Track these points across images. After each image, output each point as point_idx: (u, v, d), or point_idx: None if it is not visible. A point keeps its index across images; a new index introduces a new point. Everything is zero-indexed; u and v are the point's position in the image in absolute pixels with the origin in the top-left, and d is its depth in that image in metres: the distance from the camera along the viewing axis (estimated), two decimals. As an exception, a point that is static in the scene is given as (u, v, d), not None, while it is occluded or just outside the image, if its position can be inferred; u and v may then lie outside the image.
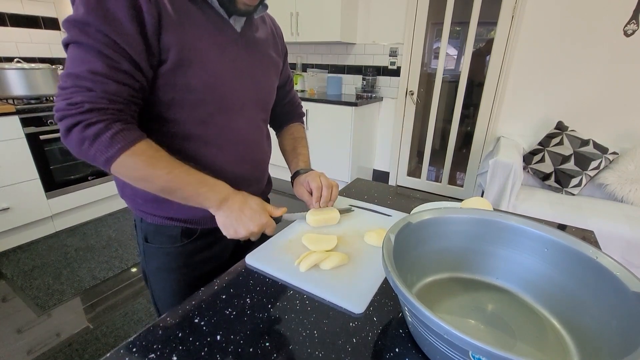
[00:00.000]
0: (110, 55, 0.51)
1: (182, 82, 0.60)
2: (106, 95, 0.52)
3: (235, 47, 0.67)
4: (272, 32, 0.81)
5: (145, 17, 0.52)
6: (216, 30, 0.63)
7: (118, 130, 0.53)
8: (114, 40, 0.50)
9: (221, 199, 0.62)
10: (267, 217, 0.65)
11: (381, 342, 0.47)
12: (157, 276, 0.77)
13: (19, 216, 2.16)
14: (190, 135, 0.65)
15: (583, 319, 0.46)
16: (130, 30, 0.51)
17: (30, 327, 1.58)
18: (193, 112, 0.63)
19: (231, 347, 0.46)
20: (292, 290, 0.58)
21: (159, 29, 0.54)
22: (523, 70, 2.45)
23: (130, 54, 0.52)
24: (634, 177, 2.02)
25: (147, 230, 0.73)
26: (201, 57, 0.60)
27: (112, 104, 0.53)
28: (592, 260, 0.46)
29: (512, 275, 0.56)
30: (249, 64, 0.71)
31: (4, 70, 2.10)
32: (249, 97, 0.72)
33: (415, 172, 3.27)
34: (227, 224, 0.63)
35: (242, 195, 0.65)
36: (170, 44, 0.56)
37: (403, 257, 0.50)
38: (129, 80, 0.53)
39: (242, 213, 0.63)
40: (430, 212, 0.57)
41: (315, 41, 3.03)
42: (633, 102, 2.18)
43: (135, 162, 0.55)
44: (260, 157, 0.80)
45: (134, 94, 0.55)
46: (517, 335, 0.48)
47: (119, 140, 0.53)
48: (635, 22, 2.06)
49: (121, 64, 0.52)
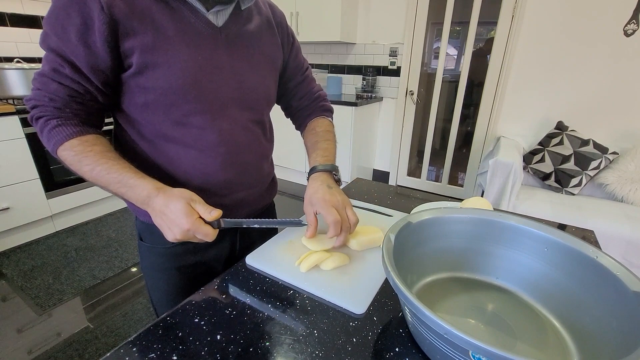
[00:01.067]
0: (56, 60, 0.55)
1: (150, 85, 0.59)
2: (47, 94, 0.57)
3: (212, 43, 0.63)
4: (269, 21, 0.75)
5: (96, 27, 0.53)
6: (187, 28, 0.60)
7: (54, 125, 0.57)
8: (61, 48, 0.54)
9: (142, 200, 0.57)
10: (193, 223, 0.54)
11: (381, 342, 0.47)
12: (151, 275, 0.77)
13: (19, 216, 2.16)
14: (168, 137, 0.64)
15: (583, 319, 0.46)
16: (74, 41, 0.54)
17: (30, 326, 1.58)
18: (168, 114, 0.62)
19: (231, 347, 0.46)
20: (292, 290, 0.58)
21: (115, 36, 0.55)
22: (523, 70, 2.45)
23: (74, 61, 0.55)
24: (634, 177, 2.02)
25: (140, 228, 0.74)
26: (167, 58, 0.58)
27: (51, 101, 0.57)
28: (593, 260, 0.46)
29: (512, 275, 0.56)
30: (231, 60, 0.66)
31: (4, 70, 2.10)
32: (232, 97, 0.67)
33: (415, 172, 3.27)
34: (157, 226, 0.57)
35: (165, 196, 0.55)
36: (131, 49, 0.56)
37: (403, 257, 0.50)
38: (69, 83, 0.57)
39: (163, 217, 0.55)
40: (430, 212, 0.57)
41: (315, 41, 3.03)
42: (633, 102, 2.18)
43: (66, 157, 0.58)
44: (250, 161, 0.74)
45: (75, 95, 0.58)
46: (517, 335, 0.48)
47: (54, 135, 0.57)
48: (635, 22, 2.06)
49: (64, 68, 0.55)
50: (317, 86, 0.90)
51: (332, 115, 0.91)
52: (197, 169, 0.67)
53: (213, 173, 0.68)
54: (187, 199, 0.55)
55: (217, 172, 0.68)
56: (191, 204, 0.55)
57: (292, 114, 0.92)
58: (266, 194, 0.84)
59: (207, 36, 0.62)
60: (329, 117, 0.89)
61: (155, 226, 0.62)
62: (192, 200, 0.56)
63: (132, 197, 0.58)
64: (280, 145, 3.09)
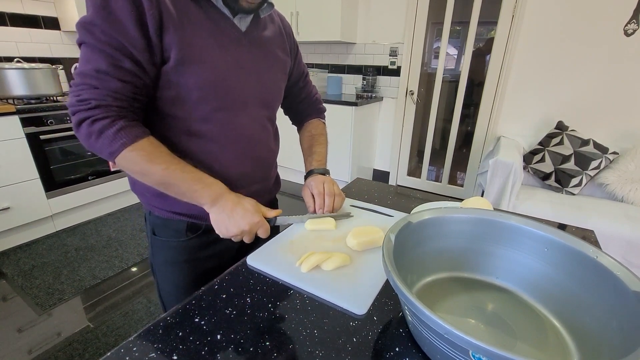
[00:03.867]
0: (113, 54, 0.54)
1: (183, 80, 0.61)
2: (110, 92, 0.55)
3: (238, 45, 0.68)
4: (280, 30, 0.81)
5: (147, 17, 0.54)
6: (218, 30, 0.64)
7: (121, 126, 0.57)
8: (117, 39, 0.53)
9: (215, 197, 0.64)
10: (260, 218, 0.65)
11: (381, 342, 0.47)
12: (163, 269, 0.79)
13: (19, 216, 2.16)
14: (192, 131, 0.67)
15: (583, 319, 0.46)
16: (131, 30, 0.53)
17: (30, 326, 1.58)
18: (195, 109, 0.65)
19: (231, 347, 0.46)
20: (292, 290, 0.58)
21: (160, 28, 0.56)
22: (523, 69, 2.45)
23: (132, 52, 0.55)
24: (634, 176, 2.01)
25: (155, 223, 0.76)
26: (201, 55, 0.62)
27: (115, 101, 0.56)
28: (593, 260, 0.46)
29: (512, 274, 0.56)
30: (253, 63, 0.71)
31: (4, 70, 2.10)
32: (252, 95, 0.72)
33: (416, 172, 3.27)
34: (218, 222, 0.64)
35: (236, 196, 0.66)
36: (172, 43, 0.58)
37: (403, 257, 0.50)
38: (131, 78, 0.56)
39: (234, 211, 0.64)
40: (430, 212, 0.57)
41: (315, 41, 3.03)
42: (633, 102, 2.17)
43: (135, 157, 0.58)
44: (264, 155, 0.80)
45: (136, 92, 0.58)
46: (517, 335, 0.48)
47: (122, 136, 0.57)
48: (635, 22, 2.06)
49: (123, 62, 0.55)
50: (314, 89, 1.00)
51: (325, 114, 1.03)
52: (218, 162, 0.71)
53: (233, 166, 0.72)
54: (255, 200, 0.67)
55: (235, 165, 0.73)
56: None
57: (292, 113, 1.01)
58: (273, 188, 0.90)
59: (234, 39, 0.67)
60: (323, 119, 1.01)
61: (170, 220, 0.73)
62: (257, 202, 0.67)
63: (205, 193, 0.63)
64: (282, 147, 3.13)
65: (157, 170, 0.60)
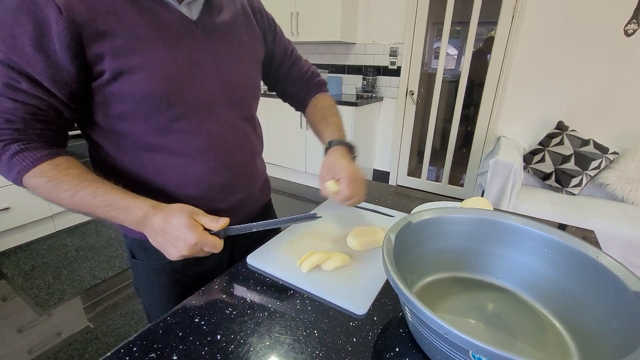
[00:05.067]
0: (9, 75, 0.48)
1: (126, 92, 0.53)
2: (2, 114, 0.49)
3: (189, 39, 0.58)
4: (243, 9, 0.70)
5: (54, 33, 0.47)
6: (161, 24, 0.54)
7: (15, 151, 0.50)
8: (14, 60, 0.47)
9: (137, 221, 0.53)
10: (197, 236, 0.52)
11: (381, 342, 0.47)
12: (148, 292, 0.73)
13: (19, 216, 2.16)
14: (153, 146, 0.59)
15: (583, 319, 0.46)
16: (29, 51, 0.47)
17: (30, 326, 1.58)
18: (150, 122, 0.57)
19: (231, 347, 0.46)
20: (292, 290, 0.58)
21: (77, 43, 0.48)
22: (523, 70, 2.45)
23: (31, 73, 0.48)
24: (635, 176, 2.01)
25: (132, 245, 0.69)
26: (143, 60, 0.52)
27: (7, 123, 0.49)
28: (593, 260, 0.46)
29: (513, 275, 0.56)
30: (212, 57, 0.61)
31: None
32: (217, 95, 0.62)
33: (416, 172, 3.27)
34: (159, 247, 0.54)
35: (163, 214, 0.53)
36: (100, 54, 0.50)
37: (403, 257, 0.50)
38: (28, 99, 0.49)
39: (164, 235, 0.52)
40: (430, 212, 0.57)
41: (315, 41, 3.03)
42: (633, 102, 2.17)
43: (37, 185, 0.51)
44: (243, 161, 0.70)
45: (37, 113, 0.51)
46: (517, 335, 0.48)
47: (17, 162, 0.50)
48: (635, 22, 2.06)
49: (20, 83, 0.48)
50: (305, 64, 0.87)
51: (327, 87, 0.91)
52: (190, 176, 0.62)
53: (206, 179, 0.64)
54: (188, 212, 0.53)
55: (210, 177, 0.64)
56: (194, 216, 0.53)
57: (289, 99, 0.90)
58: (262, 193, 0.81)
59: (183, 32, 0.57)
60: (327, 92, 0.88)
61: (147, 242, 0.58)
62: (194, 213, 0.54)
63: (126, 219, 0.53)
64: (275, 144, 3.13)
65: (63, 198, 0.52)
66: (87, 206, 0.52)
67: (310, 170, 3.22)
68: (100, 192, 0.52)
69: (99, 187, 0.52)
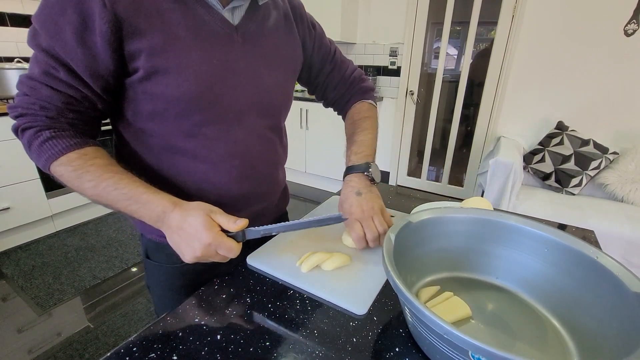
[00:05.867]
0: (49, 63, 0.49)
1: (159, 92, 0.53)
2: (38, 100, 0.50)
3: (228, 44, 0.57)
4: (286, 16, 0.68)
5: (97, 26, 0.47)
6: (201, 27, 0.54)
7: (46, 138, 0.50)
8: (55, 49, 0.48)
9: (156, 217, 0.51)
10: (213, 237, 0.49)
11: (381, 342, 0.47)
12: (159, 293, 0.73)
13: (19, 216, 2.16)
14: (177, 148, 0.59)
15: (583, 319, 0.46)
16: (70, 41, 0.47)
17: (30, 326, 1.58)
18: (177, 123, 0.57)
19: (231, 347, 0.46)
20: (292, 290, 0.58)
21: (118, 37, 0.49)
22: (523, 70, 2.45)
23: (70, 64, 0.49)
24: (634, 177, 2.01)
25: (148, 245, 0.69)
26: (179, 63, 0.52)
27: (43, 110, 0.50)
28: (593, 260, 0.46)
29: (512, 275, 0.56)
30: (248, 64, 0.60)
31: (4, 70, 2.10)
32: (248, 104, 0.62)
33: (416, 172, 3.27)
34: (174, 246, 0.52)
35: (181, 211, 0.51)
36: (138, 51, 0.50)
37: (403, 257, 0.50)
38: (65, 89, 0.50)
39: (181, 233, 0.50)
40: (430, 212, 0.57)
41: (315, 41, 3.03)
42: (633, 102, 2.17)
43: (63, 173, 0.52)
44: (266, 172, 0.69)
45: (71, 102, 0.52)
46: (517, 335, 0.48)
47: (46, 149, 0.51)
48: (635, 22, 2.06)
49: (59, 72, 0.49)
50: (349, 67, 0.83)
51: (373, 93, 0.86)
52: (210, 183, 0.62)
53: (226, 187, 0.63)
54: (206, 210, 0.51)
55: (231, 186, 0.63)
56: (211, 215, 0.51)
57: (331, 104, 0.86)
58: (280, 204, 0.80)
59: (222, 36, 0.56)
60: (369, 100, 0.84)
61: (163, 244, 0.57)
62: (212, 212, 0.51)
63: (145, 214, 0.52)
64: None
65: (87, 188, 0.51)
66: (108, 198, 0.52)
67: (310, 170, 3.22)
68: (122, 184, 0.51)
69: (121, 179, 0.52)
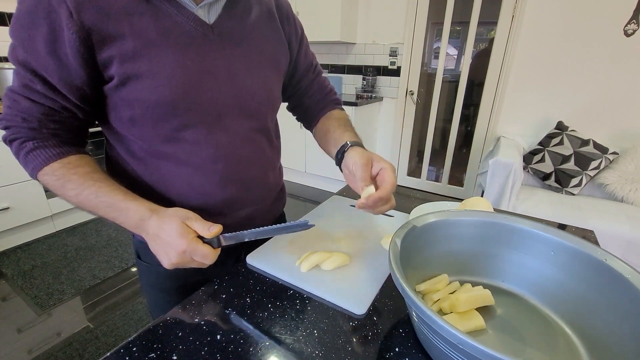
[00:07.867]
0: (26, 75, 0.49)
1: (134, 98, 0.52)
2: (20, 113, 0.51)
3: (203, 44, 0.55)
4: (269, 14, 0.66)
5: (65, 37, 0.46)
6: (172, 29, 0.52)
7: (30, 149, 0.52)
8: (29, 61, 0.48)
9: (135, 225, 0.52)
10: (187, 243, 0.48)
11: (381, 342, 0.47)
12: (152, 293, 0.74)
13: (19, 216, 2.15)
14: (160, 153, 0.58)
15: (594, 324, 0.45)
16: (42, 53, 0.48)
17: (30, 326, 1.58)
18: (157, 129, 0.56)
19: (231, 347, 0.46)
20: (292, 290, 0.58)
21: (89, 46, 0.48)
22: (523, 70, 2.45)
23: (45, 75, 0.49)
24: (634, 177, 2.01)
25: (138, 246, 0.69)
26: (151, 66, 0.51)
27: (24, 122, 0.51)
28: (601, 263, 0.45)
29: (520, 278, 0.55)
30: (227, 63, 0.58)
31: (4, 70, 2.10)
32: (229, 105, 0.59)
33: (415, 172, 3.27)
34: (153, 252, 0.52)
35: (158, 218, 0.50)
36: (109, 59, 0.50)
37: (409, 261, 0.49)
38: (43, 100, 0.51)
39: (157, 240, 0.50)
40: (435, 215, 0.56)
41: (315, 41, 3.03)
42: (633, 102, 2.18)
43: (48, 182, 0.53)
44: (253, 175, 0.67)
45: (51, 113, 0.52)
46: (527, 341, 0.47)
47: (31, 160, 0.52)
48: (635, 22, 2.06)
49: (35, 84, 0.50)
50: (327, 80, 0.83)
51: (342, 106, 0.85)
52: (193, 188, 0.60)
53: (211, 192, 0.62)
54: (181, 217, 0.50)
55: (215, 191, 0.62)
56: (186, 222, 0.50)
57: (302, 112, 0.84)
58: (274, 207, 0.77)
59: (196, 37, 0.54)
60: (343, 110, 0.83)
61: None
62: (188, 218, 0.50)
63: (125, 221, 0.52)
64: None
65: (70, 196, 0.53)
66: (90, 205, 0.53)
67: (310, 170, 3.22)
68: (102, 192, 0.52)
69: (101, 187, 0.52)
